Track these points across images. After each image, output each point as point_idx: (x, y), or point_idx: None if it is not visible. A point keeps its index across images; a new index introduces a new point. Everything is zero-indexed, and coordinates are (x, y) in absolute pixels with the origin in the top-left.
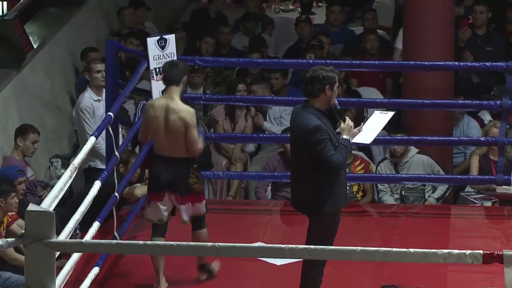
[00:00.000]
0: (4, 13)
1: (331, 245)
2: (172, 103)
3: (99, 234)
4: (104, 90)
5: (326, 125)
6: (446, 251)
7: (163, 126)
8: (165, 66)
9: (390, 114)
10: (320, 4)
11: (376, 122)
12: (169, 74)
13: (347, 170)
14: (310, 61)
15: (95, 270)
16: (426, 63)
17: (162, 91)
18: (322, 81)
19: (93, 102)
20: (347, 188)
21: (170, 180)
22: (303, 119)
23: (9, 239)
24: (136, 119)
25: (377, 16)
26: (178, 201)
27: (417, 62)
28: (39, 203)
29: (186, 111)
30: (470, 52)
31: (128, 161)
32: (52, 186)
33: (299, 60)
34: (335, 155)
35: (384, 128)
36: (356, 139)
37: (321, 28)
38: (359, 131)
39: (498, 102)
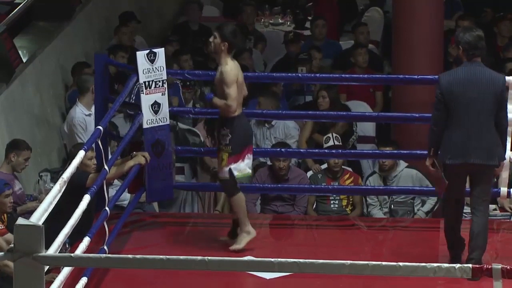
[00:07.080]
0: None
1: None
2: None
3: (87, 248)
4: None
5: None
6: (435, 264)
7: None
8: None
9: None
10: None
11: None
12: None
13: (336, 183)
14: (300, 75)
15: (83, 281)
16: (415, 77)
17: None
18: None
19: (85, 117)
20: (337, 202)
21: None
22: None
23: None
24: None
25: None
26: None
27: (406, 76)
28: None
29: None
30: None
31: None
32: (41, 200)
33: (289, 74)
34: None
35: (374, 142)
36: None
37: (308, 42)
38: None
39: None
